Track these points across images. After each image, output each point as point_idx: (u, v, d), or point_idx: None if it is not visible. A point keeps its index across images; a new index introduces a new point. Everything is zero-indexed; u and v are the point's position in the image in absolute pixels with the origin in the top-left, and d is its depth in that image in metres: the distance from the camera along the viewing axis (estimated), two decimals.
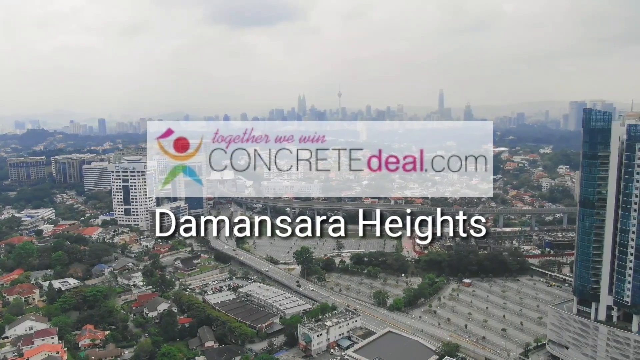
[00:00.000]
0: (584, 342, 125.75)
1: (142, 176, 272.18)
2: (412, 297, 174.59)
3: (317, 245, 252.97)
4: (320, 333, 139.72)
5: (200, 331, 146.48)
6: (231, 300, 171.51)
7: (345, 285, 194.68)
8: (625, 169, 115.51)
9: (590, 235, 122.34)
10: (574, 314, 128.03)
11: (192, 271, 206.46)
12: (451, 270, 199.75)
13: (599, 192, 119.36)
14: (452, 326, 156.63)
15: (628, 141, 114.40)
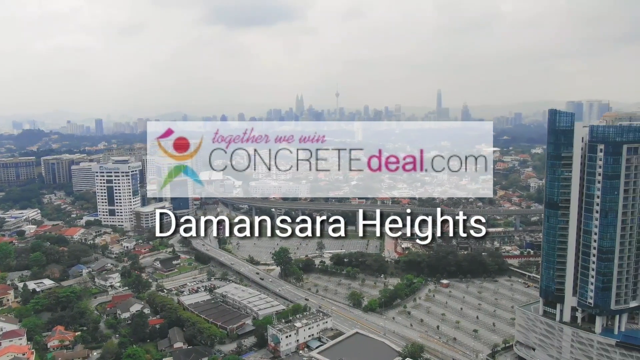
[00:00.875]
0: (549, 343, 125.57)
1: (126, 177, 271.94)
2: (388, 298, 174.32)
3: (300, 246, 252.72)
4: (289, 334, 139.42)
5: (171, 332, 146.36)
6: (206, 301, 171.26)
7: (323, 286, 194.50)
8: (587, 169, 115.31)
9: (554, 237, 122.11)
10: (539, 315, 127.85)
11: (171, 272, 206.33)
12: (430, 270, 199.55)
13: (563, 193, 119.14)
14: (424, 327, 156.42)
15: (590, 142, 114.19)
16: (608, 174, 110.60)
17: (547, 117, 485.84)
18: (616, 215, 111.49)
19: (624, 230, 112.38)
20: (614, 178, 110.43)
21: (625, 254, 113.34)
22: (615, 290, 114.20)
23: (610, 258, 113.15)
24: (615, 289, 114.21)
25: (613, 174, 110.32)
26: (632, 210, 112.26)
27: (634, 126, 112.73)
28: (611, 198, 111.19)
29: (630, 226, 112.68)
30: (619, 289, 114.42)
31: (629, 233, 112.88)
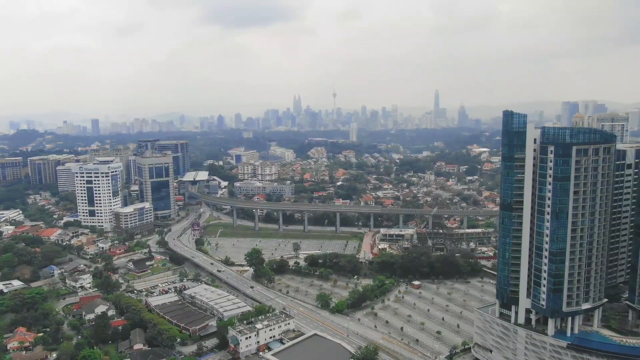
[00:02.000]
0: (505, 345, 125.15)
1: (106, 177, 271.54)
2: (356, 300, 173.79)
3: (279, 247, 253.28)
4: (249, 336, 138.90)
5: (132, 334, 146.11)
6: (173, 302, 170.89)
7: (294, 287, 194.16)
8: (539, 171, 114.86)
9: (509, 238, 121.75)
10: (496, 317, 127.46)
11: (144, 273, 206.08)
12: (403, 272, 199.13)
13: (516, 195, 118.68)
14: (389, 328, 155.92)
15: (542, 143, 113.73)
16: (558, 176, 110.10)
17: (543, 118, 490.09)
18: (567, 217, 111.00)
19: (575, 232, 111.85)
20: (563, 180, 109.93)
21: (576, 255, 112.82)
22: (566, 292, 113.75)
23: (561, 260, 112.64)
24: (567, 291, 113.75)
25: (563, 176, 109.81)
26: (583, 212, 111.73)
27: (584, 128, 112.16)
28: (561, 200, 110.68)
29: (581, 228, 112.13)
30: (570, 291, 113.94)
31: (580, 235, 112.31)
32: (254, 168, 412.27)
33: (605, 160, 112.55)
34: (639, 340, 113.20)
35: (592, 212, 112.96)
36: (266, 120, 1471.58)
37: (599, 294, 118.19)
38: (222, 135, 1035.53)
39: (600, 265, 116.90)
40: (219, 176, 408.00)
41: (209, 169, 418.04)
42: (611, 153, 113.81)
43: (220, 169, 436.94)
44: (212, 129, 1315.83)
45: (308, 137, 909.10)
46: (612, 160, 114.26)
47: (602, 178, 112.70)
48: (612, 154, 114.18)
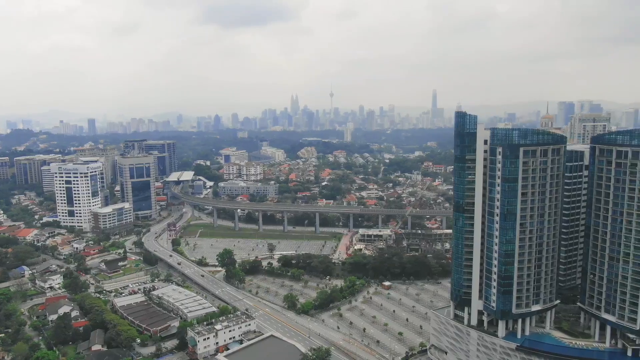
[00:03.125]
0: (459, 347, 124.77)
1: (85, 177, 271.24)
2: (323, 301, 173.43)
3: (257, 247, 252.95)
4: (207, 337, 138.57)
5: (92, 334, 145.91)
6: (139, 303, 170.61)
7: (265, 288, 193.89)
8: (489, 172, 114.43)
9: (461, 240, 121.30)
10: (450, 319, 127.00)
11: (115, 273, 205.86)
12: (375, 272, 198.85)
13: (468, 196, 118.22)
14: (352, 329, 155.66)
15: (491, 145, 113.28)
16: (506, 177, 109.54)
17: (540, 118, 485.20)
18: (515, 218, 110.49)
19: (524, 233, 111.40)
20: (512, 181, 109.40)
21: (525, 257, 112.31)
22: (515, 294, 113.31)
23: (510, 262, 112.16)
24: (516, 293, 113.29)
25: (511, 177, 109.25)
26: (532, 214, 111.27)
27: (531, 129, 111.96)
28: (510, 201, 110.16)
29: (530, 229, 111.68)
30: (519, 292, 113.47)
31: (529, 237, 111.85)
32: (239, 168, 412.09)
33: (555, 161, 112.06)
34: (588, 342, 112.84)
35: (542, 213, 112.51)
36: (263, 120, 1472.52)
37: (551, 296, 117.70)
38: (217, 135, 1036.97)
39: (551, 267, 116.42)
40: (205, 176, 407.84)
41: (195, 169, 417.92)
42: (561, 154, 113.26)
43: (207, 169, 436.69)
44: (209, 128, 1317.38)
45: (303, 137, 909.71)
46: (561, 161, 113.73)
47: (552, 179, 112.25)
48: (562, 155, 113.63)
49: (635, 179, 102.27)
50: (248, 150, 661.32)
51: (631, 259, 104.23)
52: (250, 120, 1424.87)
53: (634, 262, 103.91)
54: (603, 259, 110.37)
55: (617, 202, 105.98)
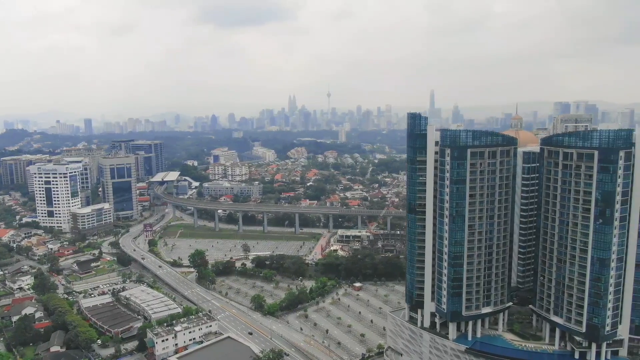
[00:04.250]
0: (413, 349, 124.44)
1: (64, 178, 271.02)
2: (291, 302, 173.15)
3: (235, 247, 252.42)
4: (165, 338, 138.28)
5: (53, 336, 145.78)
6: (105, 304, 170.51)
7: (236, 289, 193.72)
8: (439, 174, 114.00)
9: (414, 242, 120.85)
10: (405, 321, 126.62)
11: (88, 274, 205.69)
12: (347, 273, 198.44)
13: (419, 198, 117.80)
14: (316, 331, 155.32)
15: (441, 146, 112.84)
16: (454, 179, 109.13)
17: (537, 118, 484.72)
18: (464, 220, 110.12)
19: (472, 235, 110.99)
20: (460, 183, 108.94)
21: (474, 259, 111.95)
22: (465, 296, 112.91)
23: (459, 263, 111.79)
24: (466, 295, 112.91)
25: (459, 179, 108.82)
26: (481, 215, 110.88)
27: (480, 130, 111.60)
28: (458, 203, 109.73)
29: (479, 231, 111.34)
30: (469, 294, 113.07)
31: (477, 238, 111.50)
32: (224, 169, 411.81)
33: (504, 163, 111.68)
34: (538, 345, 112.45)
35: (491, 215, 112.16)
36: (261, 120, 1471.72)
37: (502, 298, 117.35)
38: (212, 135, 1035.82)
39: (502, 269, 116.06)
40: (191, 177, 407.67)
41: (181, 170, 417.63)
42: (510, 156, 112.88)
43: (193, 170, 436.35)
44: (206, 129, 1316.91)
45: (298, 137, 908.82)
46: (511, 163, 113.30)
47: (501, 181, 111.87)
48: (512, 157, 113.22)
49: (580, 181, 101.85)
50: (241, 151, 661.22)
51: (577, 261, 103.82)
52: (247, 121, 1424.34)
53: (579, 265, 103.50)
54: (552, 261, 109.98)
55: (564, 204, 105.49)
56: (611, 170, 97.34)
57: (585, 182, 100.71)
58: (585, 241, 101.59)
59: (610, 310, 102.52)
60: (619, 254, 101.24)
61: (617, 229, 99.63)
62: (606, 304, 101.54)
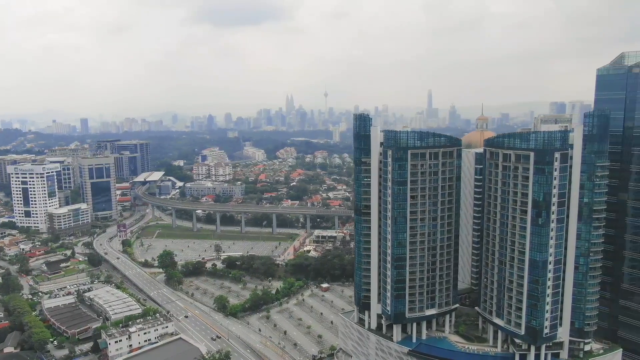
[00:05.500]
0: (361, 350, 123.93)
1: (41, 178, 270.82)
2: (254, 303, 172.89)
3: (210, 248, 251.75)
4: (119, 339, 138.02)
5: (8, 337, 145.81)
6: (67, 304, 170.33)
7: (204, 289, 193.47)
8: (383, 175, 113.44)
9: (361, 243, 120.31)
10: (354, 323, 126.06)
11: (56, 275, 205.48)
12: (316, 274, 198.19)
13: (365, 199, 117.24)
14: (275, 332, 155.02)
15: (384, 147, 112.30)
16: (396, 180, 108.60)
17: (532, 118, 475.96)
18: (405, 221, 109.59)
19: (414, 237, 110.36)
20: (401, 184, 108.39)
21: (416, 261, 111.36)
22: (408, 298, 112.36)
23: (402, 265, 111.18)
24: (409, 297, 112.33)
25: (400, 180, 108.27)
26: (423, 217, 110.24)
27: (422, 131, 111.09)
28: (400, 204, 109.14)
29: (422, 233, 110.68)
30: (412, 296, 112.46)
31: (420, 240, 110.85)
32: (208, 169, 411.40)
33: (447, 164, 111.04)
34: (481, 347, 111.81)
35: (434, 217, 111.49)
36: (258, 120, 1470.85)
37: (448, 300, 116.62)
38: (207, 135, 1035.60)
39: (447, 270, 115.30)
40: (176, 177, 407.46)
41: (166, 170, 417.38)
42: (454, 157, 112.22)
43: (178, 170, 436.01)
44: (202, 128, 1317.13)
45: (293, 137, 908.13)
46: (455, 164, 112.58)
47: (444, 182, 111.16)
48: (455, 158, 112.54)
49: (517, 182, 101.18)
50: (232, 151, 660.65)
51: (515, 263, 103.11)
52: (244, 120, 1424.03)
53: (518, 267, 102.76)
54: (493, 262, 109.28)
55: (504, 205, 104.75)
56: (546, 171, 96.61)
57: (522, 183, 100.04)
58: (523, 243, 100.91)
59: (549, 312, 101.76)
60: (556, 256, 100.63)
61: (554, 230, 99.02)
62: (544, 306, 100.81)
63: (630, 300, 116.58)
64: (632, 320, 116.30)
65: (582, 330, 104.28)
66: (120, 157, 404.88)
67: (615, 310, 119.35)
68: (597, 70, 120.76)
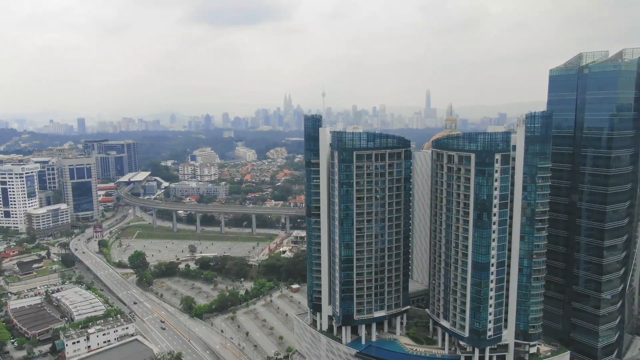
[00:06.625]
0: (314, 352, 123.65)
1: (20, 178, 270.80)
2: (220, 304, 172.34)
3: (188, 249, 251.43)
4: (76, 340, 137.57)
5: None
6: (32, 305, 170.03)
7: (174, 290, 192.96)
8: (331, 176, 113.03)
9: (312, 245, 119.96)
10: (307, 324, 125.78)
11: (28, 275, 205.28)
12: (287, 275, 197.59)
13: (315, 200, 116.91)
14: (239, 333, 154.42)
15: (332, 149, 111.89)
16: (342, 181, 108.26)
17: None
18: (352, 223, 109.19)
19: (361, 238, 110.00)
20: (347, 185, 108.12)
21: (364, 263, 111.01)
22: (356, 300, 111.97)
23: (349, 267, 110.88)
24: (357, 299, 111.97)
25: (346, 181, 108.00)
26: (369, 219, 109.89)
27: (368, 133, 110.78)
28: (347, 206, 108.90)
29: (368, 234, 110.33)
30: (360, 298, 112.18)
31: (367, 241, 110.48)
32: (194, 169, 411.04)
33: (394, 165, 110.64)
34: (428, 349, 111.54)
35: (382, 218, 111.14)
36: (255, 120, 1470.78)
37: (398, 302, 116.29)
38: (203, 135, 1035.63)
39: (396, 272, 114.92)
40: (163, 177, 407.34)
41: (153, 170, 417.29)
42: (402, 158, 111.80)
43: (165, 170, 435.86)
44: (199, 128, 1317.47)
45: (287, 137, 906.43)
46: (403, 165, 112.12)
47: (392, 184, 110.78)
48: (404, 159, 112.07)
49: (460, 184, 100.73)
50: (226, 151, 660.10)
51: (459, 265, 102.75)
52: (241, 120, 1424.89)
53: (462, 269, 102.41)
54: (440, 265, 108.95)
55: (449, 207, 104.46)
56: (487, 173, 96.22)
57: (464, 185, 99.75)
58: (466, 245, 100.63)
59: (493, 315, 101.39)
60: (499, 258, 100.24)
61: (496, 233, 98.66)
62: (487, 309, 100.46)
63: (582, 302, 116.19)
64: (584, 322, 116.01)
65: (527, 332, 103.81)
66: (106, 157, 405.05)
67: (568, 313, 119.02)
68: (549, 70, 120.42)
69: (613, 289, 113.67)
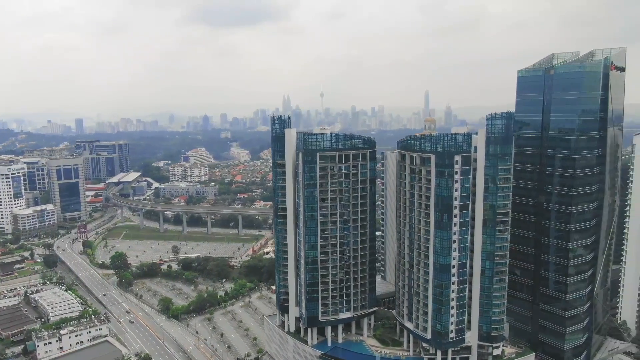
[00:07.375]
0: (282, 353, 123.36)
1: (6, 179, 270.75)
2: (197, 305, 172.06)
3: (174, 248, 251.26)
4: (48, 342, 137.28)
5: None
6: (9, 306, 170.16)
7: (154, 291, 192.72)
8: (296, 178, 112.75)
9: (279, 246, 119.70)
10: (276, 326, 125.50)
11: (9, 276, 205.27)
12: (269, 275, 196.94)
13: (281, 202, 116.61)
14: (214, 334, 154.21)
15: (297, 150, 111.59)
16: (306, 182, 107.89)
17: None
18: (316, 224, 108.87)
19: (325, 239, 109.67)
20: (311, 186, 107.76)
21: (328, 264, 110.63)
22: (321, 302, 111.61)
23: (313, 268, 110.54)
24: (322, 300, 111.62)
25: (310, 182, 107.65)
26: (334, 220, 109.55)
27: (332, 134, 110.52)
28: (311, 207, 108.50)
29: (333, 235, 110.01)
30: (325, 300, 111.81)
31: (332, 243, 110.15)
32: (184, 169, 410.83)
33: (359, 167, 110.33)
34: (393, 351, 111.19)
35: (347, 219, 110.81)
36: (254, 120, 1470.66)
37: (364, 303, 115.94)
38: (200, 135, 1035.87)
39: (362, 274, 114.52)
40: (154, 177, 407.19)
41: (144, 170, 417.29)
42: (366, 160, 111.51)
43: (156, 171, 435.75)
44: (197, 129, 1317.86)
45: None
46: (368, 166, 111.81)
47: (356, 185, 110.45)
48: (368, 161, 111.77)
49: (421, 185, 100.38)
50: (221, 151, 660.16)
51: (422, 267, 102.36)
52: (239, 121, 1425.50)
53: (424, 271, 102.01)
54: (404, 266, 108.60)
55: (412, 208, 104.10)
56: (447, 174, 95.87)
57: (426, 186, 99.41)
58: (427, 246, 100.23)
59: (455, 317, 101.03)
60: (461, 260, 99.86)
61: (457, 234, 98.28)
62: (449, 311, 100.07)
63: (550, 304, 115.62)
64: (551, 324, 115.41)
65: (490, 334, 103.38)
66: (97, 158, 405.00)
67: (537, 314, 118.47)
68: (517, 71, 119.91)
69: (580, 290, 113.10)
